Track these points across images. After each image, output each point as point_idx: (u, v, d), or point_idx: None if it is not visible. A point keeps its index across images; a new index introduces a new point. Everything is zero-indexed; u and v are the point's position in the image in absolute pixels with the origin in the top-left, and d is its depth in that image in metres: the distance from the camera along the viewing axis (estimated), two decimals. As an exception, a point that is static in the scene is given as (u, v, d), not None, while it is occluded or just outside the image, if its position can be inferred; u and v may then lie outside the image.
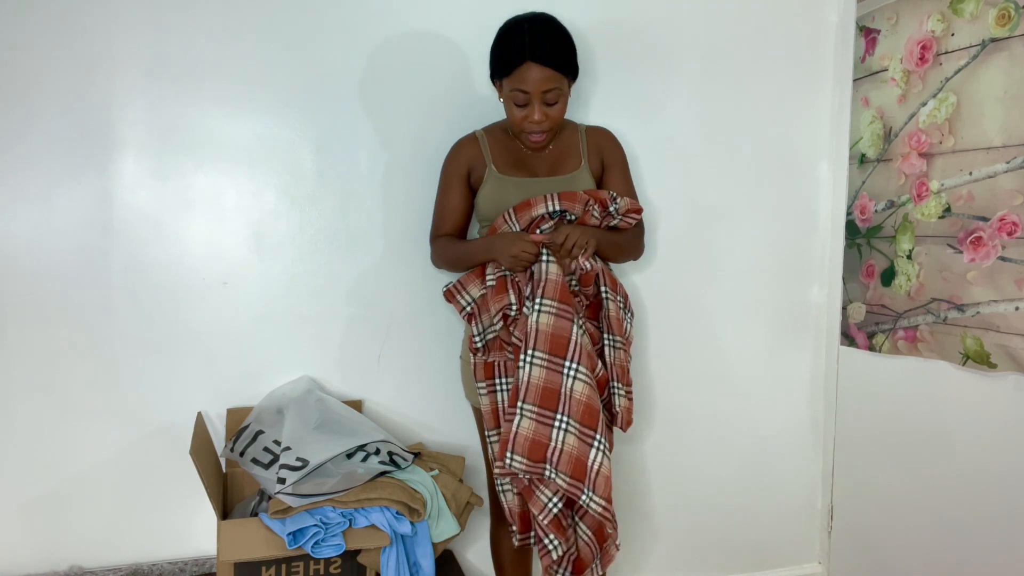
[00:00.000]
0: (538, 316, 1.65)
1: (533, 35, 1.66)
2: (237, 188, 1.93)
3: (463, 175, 1.86)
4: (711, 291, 2.32)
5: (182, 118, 1.88)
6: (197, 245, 1.92)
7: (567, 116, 1.86)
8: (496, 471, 1.72)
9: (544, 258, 1.69)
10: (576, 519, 1.82)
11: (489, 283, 1.76)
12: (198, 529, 1.93)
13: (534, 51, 1.64)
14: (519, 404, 1.64)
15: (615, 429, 1.84)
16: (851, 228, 2.29)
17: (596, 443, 1.64)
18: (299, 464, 1.63)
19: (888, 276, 2.14)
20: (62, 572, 1.86)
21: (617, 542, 1.81)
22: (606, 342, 1.80)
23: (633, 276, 2.22)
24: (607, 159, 1.92)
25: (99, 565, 1.90)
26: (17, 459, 1.84)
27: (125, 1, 1.82)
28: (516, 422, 1.63)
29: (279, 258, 1.97)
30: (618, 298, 1.82)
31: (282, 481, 1.61)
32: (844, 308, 2.33)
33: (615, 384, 1.79)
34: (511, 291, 1.72)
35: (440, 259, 1.90)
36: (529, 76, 1.65)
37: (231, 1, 1.88)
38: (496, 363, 1.79)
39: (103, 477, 1.89)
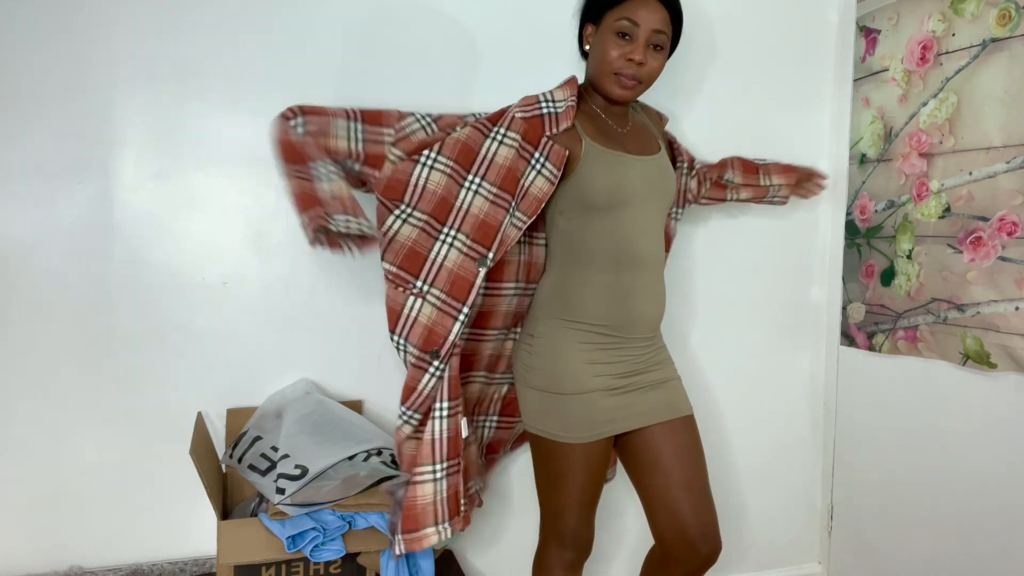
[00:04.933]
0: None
1: None
2: (237, 188, 1.93)
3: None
4: (710, 291, 2.32)
5: (182, 118, 1.88)
6: (197, 245, 1.91)
7: None
8: None
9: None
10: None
11: None
12: (198, 529, 1.93)
13: None
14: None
15: None
16: (851, 228, 2.29)
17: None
18: (298, 472, 1.63)
19: (888, 276, 2.14)
20: (62, 572, 1.86)
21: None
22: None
23: (633, 276, 2.22)
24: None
25: (99, 565, 1.89)
26: (17, 459, 1.84)
27: (125, 1, 1.82)
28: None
29: (279, 258, 1.97)
30: None
31: (281, 491, 1.61)
32: (844, 308, 2.33)
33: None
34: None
35: None
36: (643, 10, 1.53)
37: (231, 1, 1.88)
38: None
39: (103, 477, 1.89)
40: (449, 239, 1.56)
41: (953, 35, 1.92)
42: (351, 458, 1.71)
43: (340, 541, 1.67)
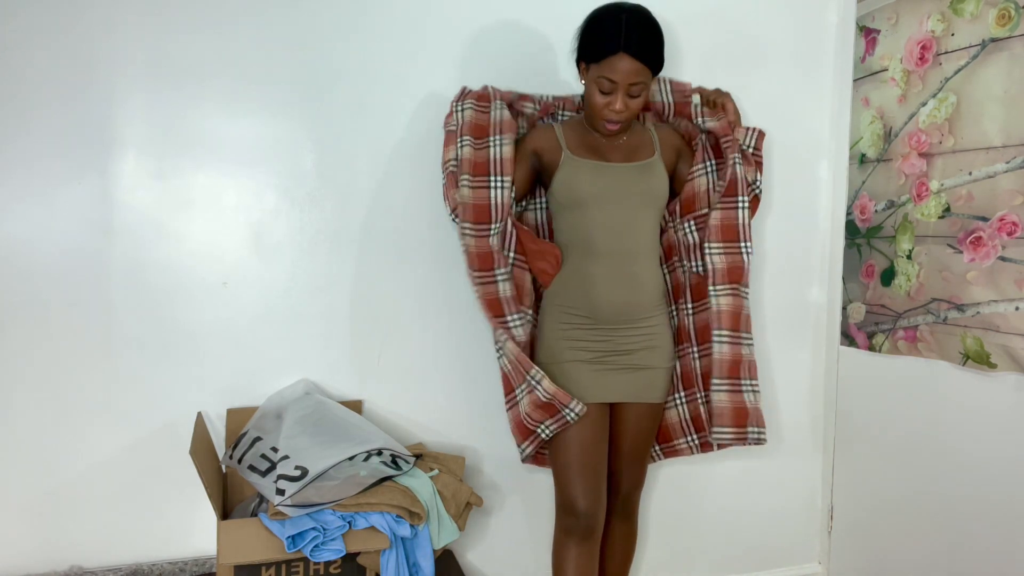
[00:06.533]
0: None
1: (629, 28, 1.67)
2: (237, 188, 1.93)
3: (527, 152, 1.85)
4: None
5: (182, 118, 1.88)
6: (197, 245, 1.91)
7: None
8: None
9: None
10: None
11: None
12: (198, 529, 1.93)
13: (628, 43, 1.66)
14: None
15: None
16: (851, 228, 2.29)
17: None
18: (298, 474, 1.63)
19: (888, 276, 2.14)
20: (62, 572, 1.86)
21: None
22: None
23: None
24: (683, 152, 1.96)
25: (99, 565, 1.90)
26: (17, 459, 1.84)
27: (125, 1, 1.82)
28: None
29: (279, 258, 1.97)
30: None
31: (281, 492, 1.61)
32: (844, 308, 2.33)
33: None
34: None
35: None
36: (619, 67, 1.67)
37: (231, 1, 1.88)
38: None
39: (103, 477, 1.89)
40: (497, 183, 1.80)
41: (952, 35, 1.92)
42: (351, 459, 1.71)
43: (340, 541, 1.67)
